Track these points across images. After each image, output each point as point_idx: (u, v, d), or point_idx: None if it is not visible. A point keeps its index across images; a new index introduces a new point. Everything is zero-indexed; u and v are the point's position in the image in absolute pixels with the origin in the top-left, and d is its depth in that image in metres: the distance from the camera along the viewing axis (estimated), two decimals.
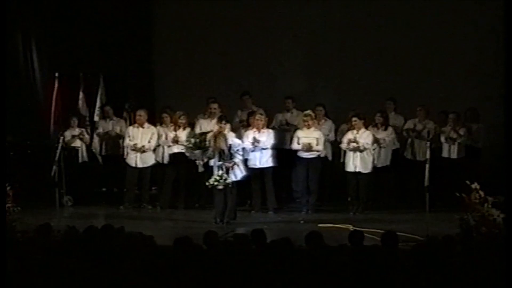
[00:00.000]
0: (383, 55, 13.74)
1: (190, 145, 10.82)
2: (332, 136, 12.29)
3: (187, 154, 11.39)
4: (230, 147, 10.60)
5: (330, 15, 13.96)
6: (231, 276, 6.05)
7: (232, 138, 10.77)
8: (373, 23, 13.79)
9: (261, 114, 11.74)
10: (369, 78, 13.73)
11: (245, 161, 11.58)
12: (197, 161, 11.05)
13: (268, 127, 11.82)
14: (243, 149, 11.10)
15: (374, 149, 11.79)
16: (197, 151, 10.76)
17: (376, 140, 11.82)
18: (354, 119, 11.64)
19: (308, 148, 11.51)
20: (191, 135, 10.92)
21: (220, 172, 10.49)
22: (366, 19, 13.81)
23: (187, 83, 14.19)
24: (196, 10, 14.25)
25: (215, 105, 12.10)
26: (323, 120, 12.31)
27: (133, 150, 12.12)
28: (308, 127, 11.60)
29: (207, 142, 10.71)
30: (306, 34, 14.09)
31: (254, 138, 11.53)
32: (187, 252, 6.39)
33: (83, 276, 6.12)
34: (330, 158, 12.34)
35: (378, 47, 13.76)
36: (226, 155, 10.55)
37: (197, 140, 10.73)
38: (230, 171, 10.53)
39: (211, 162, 10.68)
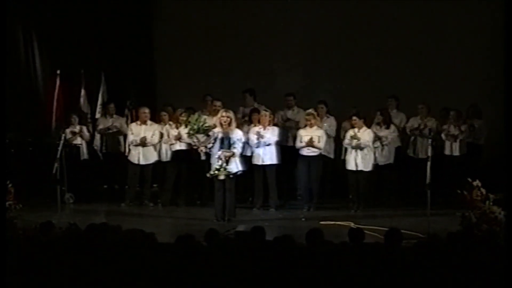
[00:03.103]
0: (384, 53, 13.74)
1: (192, 131, 10.71)
2: (331, 132, 12.26)
3: (190, 141, 11.29)
4: (230, 138, 10.55)
5: (330, 13, 13.97)
6: (232, 273, 6.05)
7: (235, 128, 10.72)
8: (374, 21, 13.79)
9: (266, 111, 11.75)
10: (371, 75, 13.73)
11: (250, 158, 11.60)
12: (199, 149, 10.97)
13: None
14: (246, 143, 11.08)
15: (376, 147, 11.79)
16: (199, 135, 10.66)
17: (378, 138, 11.81)
18: (353, 118, 11.64)
19: (310, 142, 11.49)
20: (194, 119, 10.83)
21: (220, 162, 10.47)
22: (367, 17, 13.81)
23: (188, 81, 14.20)
24: (197, 8, 14.26)
25: (219, 103, 12.06)
26: (325, 117, 12.30)
27: (137, 145, 12.10)
28: (311, 126, 11.59)
29: (209, 126, 10.64)
30: (306, 32, 14.09)
31: (258, 133, 11.54)
32: (189, 249, 6.39)
33: (84, 273, 6.12)
34: (332, 156, 12.32)
35: (380, 44, 13.76)
36: (227, 143, 10.49)
37: (200, 124, 10.63)
38: (229, 162, 10.49)
39: (213, 153, 10.62)
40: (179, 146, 12.03)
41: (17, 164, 11.80)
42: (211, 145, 10.58)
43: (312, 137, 11.48)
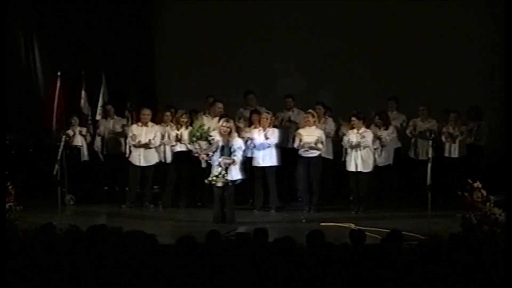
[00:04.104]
0: (385, 54, 13.76)
1: (195, 137, 10.71)
2: (331, 132, 12.22)
3: (192, 148, 11.30)
4: (231, 146, 10.56)
5: (331, 14, 13.98)
6: (233, 275, 6.05)
7: (235, 136, 10.74)
8: (375, 22, 13.80)
9: (268, 113, 11.76)
10: (371, 77, 13.74)
11: (250, 160, 11.61)
12: (200, 156, 10.97)
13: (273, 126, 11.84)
14: (245, 150, 11.08)
15: (376, 148, 11.79)
16: (202, 142, 10.66)
17: (377, 139, 11.81)
18: (353, 119, 11.64)
19: (310, 146, 11.50)
20: (196, 126, 10.83)
21: (219, 169, 10.47)
22: (368, 18, 13.83)
23: (188, 82, 14.21)
24: (198, 9, 14.26)
25: (221, 104, 12.07)
26: (323, 119, 12.29)
27: (138, 147, 12.09)
28: (310, 125, 11.60)
29: (211, 134, 10.65)
30: (307, 33, 14.10)
31: (265, 135, 11.56)
32: (189, 251, 6.39)
33: (85, 274, 6.12)
34: (331, 157, 12.31)
35: (380, 46, 13.78)
36: (227, 151, 10.50)
37: (202, 131, 10.63)
38: (229, 169, 10.49)
39: (213, 160, 10.63)
40: (180, 147, 12.03)
41: (17, 166, 11.80)
42: (212, 153, 10.58)
43: (311, 142, 11.46)
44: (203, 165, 11.42)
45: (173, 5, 14.57)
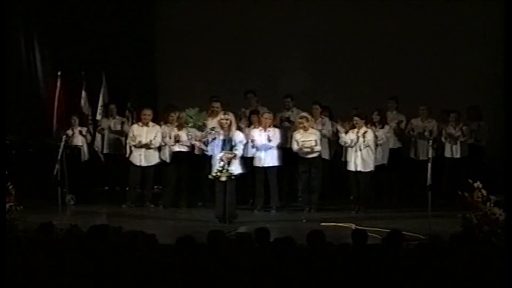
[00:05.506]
0: (386, 54, 13.76)
1: (186, 124, 10.67)
2: (328, 132, 12.23)
3: (189, 137, 11.28)
4: (232, 140, 10.56)
5: (332, 14, 13.98)
6: (233, 274, 6.05)
7: (236, 130, 10.74)
8: (375, 23, 13.80)
9: (269, 113, 11.76)
10: (371, 77, 13.74)
11: (251, 160, 11.61)
12: (193, 142, 10.90)
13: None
14: (245, 145, 11.09)
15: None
16: (194, 130, 10.65)
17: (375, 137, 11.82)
18: (355, 118, 11.62)
19: (310, 150, 11.50)
20: (191, 113, 10.81)
21: (222, 163, 10.48)
22: (368, 19, 13.82)
23: (189, 82, 14.20)
24: (199, 8, 14.27)
25: (217, 104, 12.04)
26: (320, 118, 12.28)
27: (138, 147, 12.09)
28: (305, 129, 11.56)
29: (205, 123, 10.64)
30: (308, 33, 14.10)
31: (268, 137, 11.56)
32: (189, 251, 6.39)
33: (85, 274, 6.13)
34: (327, 157, 12.28)
35: (380, 46, 13.78)
36: (228, 145, 10.50)
37: (198, 120, 10.61)
38: (230, 163, 10.50)
39: (214, 155, 10.62)
40: (179, 147, 12.02)
41: (18, 166, 11.78)
42: (206, 145, 10.57)
43: (311, 147, 11.44)
44: (196, 151, 11.40)
45: (173, 5, 14.56)
